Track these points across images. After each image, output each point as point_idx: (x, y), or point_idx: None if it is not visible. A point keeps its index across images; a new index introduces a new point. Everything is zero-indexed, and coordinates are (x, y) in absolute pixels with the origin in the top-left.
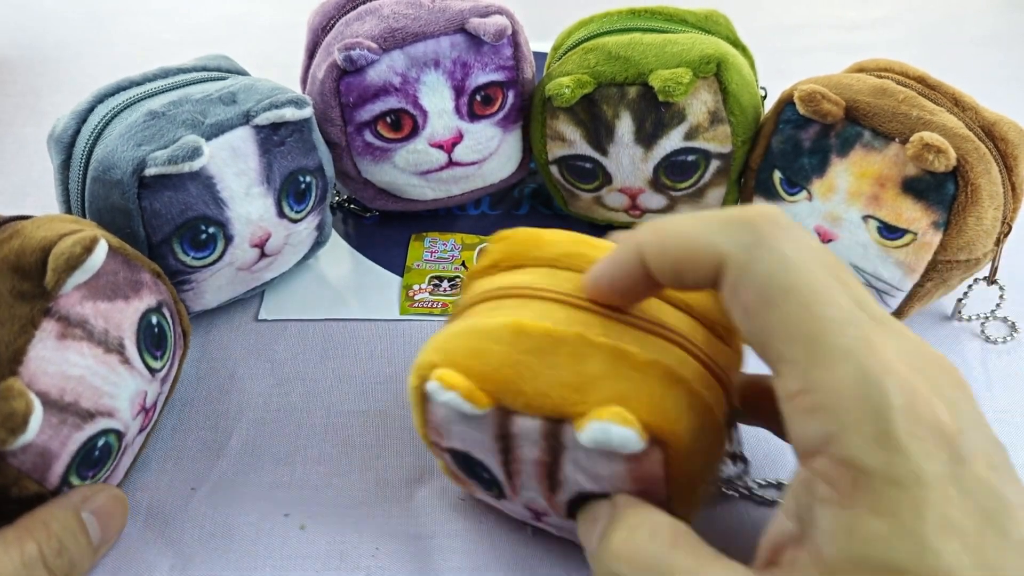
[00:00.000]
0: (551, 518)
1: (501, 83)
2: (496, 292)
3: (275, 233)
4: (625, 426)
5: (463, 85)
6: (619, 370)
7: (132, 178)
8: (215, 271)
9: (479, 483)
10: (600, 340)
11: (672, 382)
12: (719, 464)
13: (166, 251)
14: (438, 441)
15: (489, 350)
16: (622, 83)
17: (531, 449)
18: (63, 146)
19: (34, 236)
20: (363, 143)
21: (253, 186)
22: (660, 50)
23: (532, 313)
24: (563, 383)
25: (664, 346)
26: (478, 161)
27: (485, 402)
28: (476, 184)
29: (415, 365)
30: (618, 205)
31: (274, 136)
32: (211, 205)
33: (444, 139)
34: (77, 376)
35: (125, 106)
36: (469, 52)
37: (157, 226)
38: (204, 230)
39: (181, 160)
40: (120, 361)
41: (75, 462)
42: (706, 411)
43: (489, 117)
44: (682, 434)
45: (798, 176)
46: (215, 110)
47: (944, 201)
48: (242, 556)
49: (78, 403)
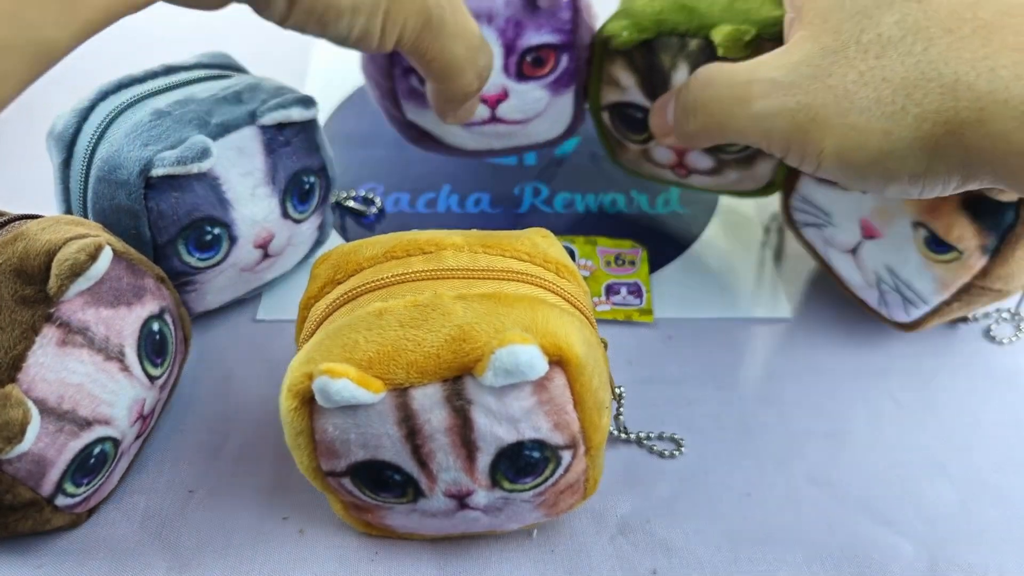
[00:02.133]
0: (477, 497)
1: (555, 46)
2: (341, 299)
3: (278, 233)
4: (527, 344)
5: (514, 44)
6: (495, 310)
7: (139, 178)
8: (219, 272)
9: (391, 493)
10: (466, 294)
11: (547, 308)
12: (609, 387)
13: (171, 252)
14: (334, 467)
15: (360, 339)
16: (683, 33)
17: (438, 418)
18: (64, 144)
19: (39, 239)
20: (408, 87)
21: (259, 186)
22: (729, 5)
23: (388, 297)
24: (448, 339)
25: (523, 286)
26: (522, 120)
27: (378, 385)
28: (519, 141)
29: (286, 387)
30: (665, 161)
31: (279, 136)
32: (216, 206)
33: (488, 95)
34: (76, 384)
35: (129, 104)
36: (524, 11)
37: (163, 227)
38: (209, 231)
39: (190, 161)
40: (120, 369)
41: (70, 469)
42: (584, 327)
43: (538, 79)
44: (576, 349)
45: None
46: (221, 109)
47: (999, 228)
48: (240, 560)
49: (76, 411)
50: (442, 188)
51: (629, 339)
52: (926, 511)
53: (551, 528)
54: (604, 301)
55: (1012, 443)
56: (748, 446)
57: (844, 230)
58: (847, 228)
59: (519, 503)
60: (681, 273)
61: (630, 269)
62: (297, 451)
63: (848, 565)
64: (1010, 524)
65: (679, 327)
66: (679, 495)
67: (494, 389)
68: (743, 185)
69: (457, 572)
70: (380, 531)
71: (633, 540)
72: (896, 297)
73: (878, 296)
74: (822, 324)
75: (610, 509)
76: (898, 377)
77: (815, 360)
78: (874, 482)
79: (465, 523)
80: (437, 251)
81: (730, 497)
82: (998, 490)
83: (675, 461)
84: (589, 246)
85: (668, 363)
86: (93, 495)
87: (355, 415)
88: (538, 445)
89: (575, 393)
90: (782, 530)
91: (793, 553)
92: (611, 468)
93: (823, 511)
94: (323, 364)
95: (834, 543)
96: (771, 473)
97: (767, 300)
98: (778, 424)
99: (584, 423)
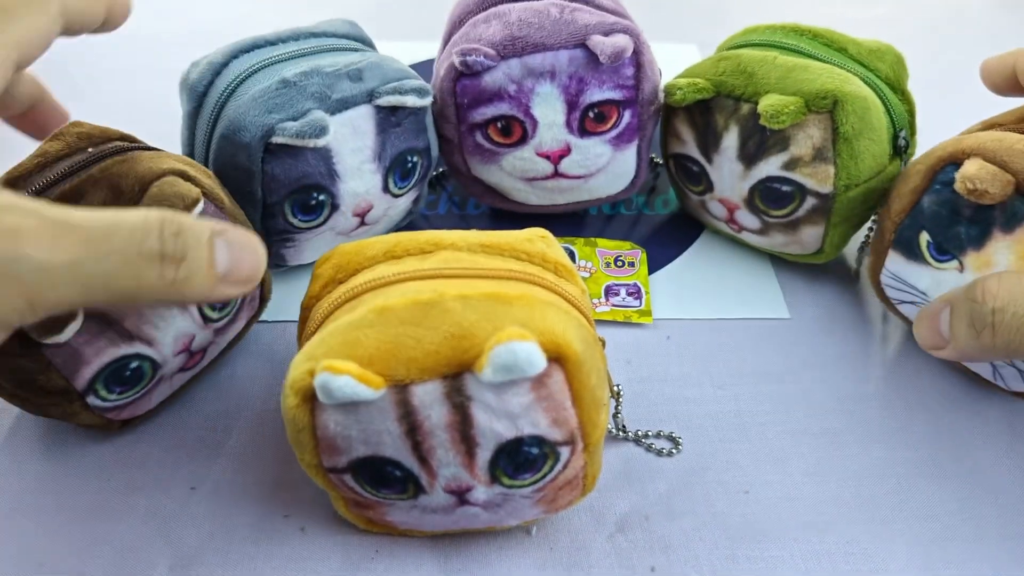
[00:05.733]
0: (476, 492)
1: (617, 102)
2: (342, 298)
3: (377, 205)
4: (526, 341)
5: (577, 100)
6: (495, 309)
7: (259, 143)
8: (317, 233)
9: (392, 489)
10: (466, 292)
11: (545, 306)
12: (607, 385)
13: (277, 211)
14: (336, 463)
15: (361, 337)
16: (739, 97)
17: (438, 414)
18: (196, 95)
19: (142, 165)
20: (474, 143)
21: (366, 162)
22: (786, 74)
23: (389, 296)
24: (448, 336)
25: (522, 285)
26: (584, 176)
27: (378, 381)
28: (582, 196)
29: (288, 384)
30: (719, 215)
31: (392, 117)
32: (325, 176)
33: (551, 150)
34: None
35: (259, 68)
36: (587, 68)
37: (274, 188)
38: (315, 197)
39: (308, 136)
40: None
41: (103, 373)
42: (581, 326)
43: (601, 134)
44: (574, 346)
45: (951, 244)
46: (342, 85)
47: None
48: (241, 557)
49: (121, 323)
50: (442, 191)
51: (628, 339)
52: (923, 510)
53: (550, 526)
54: (603, 302)
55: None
56: (745, 444)
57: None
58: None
59: (518, 499)
60: (680, 274)
61: (629, 270)
62: (299, 448)
63: (845, 563)
64: (1007, 522)
65: (678, 327)
66: (677, 493)
67: (493, 386)
68: (791, 248)
69: (457, 569)
70: (381, 528)
71: (631, 538)
72: (1011, 371)
73: (992, 370)
74: (819, 324)
75: (609, 507)
76: (896, 376)
77: (812, 359)
78: (871, 480)
79: (465, 519)
80: (437, 251)
81: (728, 495)
82: (995, 489)
83: (673, 459)
84: (589, 247)
85: (666, 362)
86: (127, 407)
87: (356, 411)
88: (537, 441)
89: (573, 390)
90: (779, 528)
91: (790, 550)
92: (610, 466)
93: (820, 509)
94: (325, 361)
95: (831, 541)
96: (768, 471)
97: (765, 301)
98: (775, 423)
99: (582, 420)
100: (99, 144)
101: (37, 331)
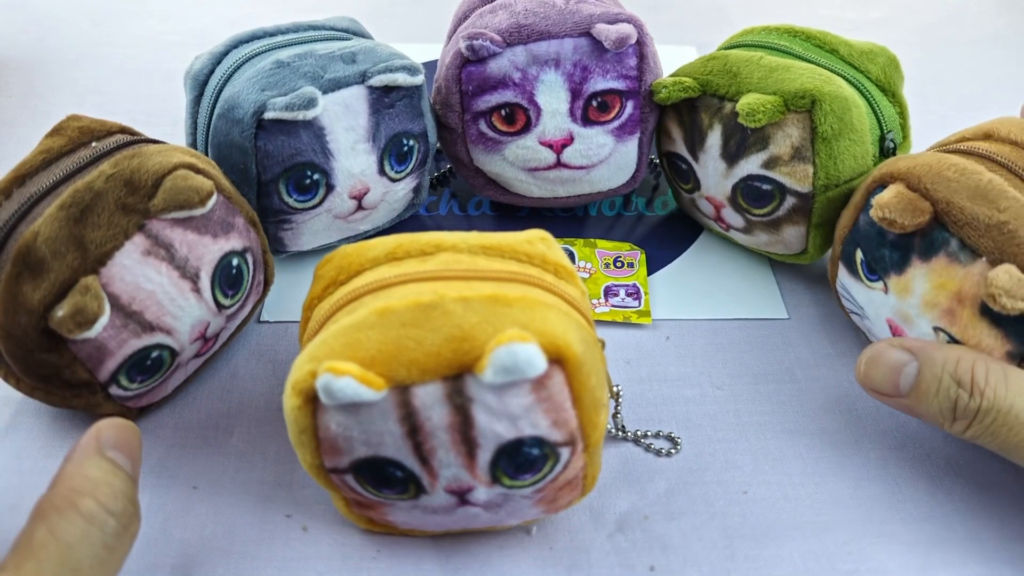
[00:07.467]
0: (477, 493)
1: (620, 92)
2: (344, 300)
3: (373, 188)
4: (526, 343)
5: (580, 88)
6: (495, 311)
7: (252, 119)
8: (314, 215)
9: (393, 490)
10: (467, 294)
11: (546, 308)
12: (607, 386)
13: (272, 190)
14: (337, 463)
15: (363, 338)
16: (723, 96)
17: (439, 415)
18: (198, 83)
19: (153, 159)
20: (477, 132)
21: (359, 142)
22: (769, 73)
23: (390, 297)
24: (449, 337)
25: (523, 287)
26: (586, 166)
27: (380, 383)
28: (583, 189)
29: (290, 385)
30: (708, 213)
31: (385, 98)
32: (319, 154)
33: (554, 139)
34: (149, 290)
35: (257, 53)
36: (591, 57)
37: (268, 166)
38: (309, 175)
39: (297, 108)
40: (191, 289)
41: (127, 364)
42: (581, 327)
43: (603, 124)
44: (574, 348)
45: (878, 265)
46: (335, 66)
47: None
48: (243, 557)
49: (142, 314)
50: (443, 191)
51: (627, 339)
52: (921, 510)
53: (550, 525)
54: (603, 303)
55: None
56: (744, 444)
57: (876, 326)
58: (878, 325)
59: (519, 499)
60: (679, 275)
61: (629, 271)
62: (300, 448)
63: (843, 562)
64: (1005, 523)
65: (677, 328)
66: (676, 493)
67: (494, 387)
68: (775, 248)
69: (458, 568)
70: (382, 527)
71: (631, 537)
72: None
73: None
74: (818, 324)
75: (608, 507)
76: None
77: (811, 360)
78: (869, 480)
79: (465, 519)
80: (437, 252)
81: (727, 495)
82: (993, 490)
83: (672, 459)
84: (588, 248)
85: (666, 363)
86: (146, 395)
87: (358, 412)
88: (537, 442)
89: (573, 391)
90: (778, 527)
91: (789, 550)
92: (609, 466)
93: (818, 509)
94: (327, 362)
95: (829, 540)
96: (767, 471)
97: (764, 301)
98: (774, 423)
99: (582, 420)
100: (100, 138)
101: (67, 327)
